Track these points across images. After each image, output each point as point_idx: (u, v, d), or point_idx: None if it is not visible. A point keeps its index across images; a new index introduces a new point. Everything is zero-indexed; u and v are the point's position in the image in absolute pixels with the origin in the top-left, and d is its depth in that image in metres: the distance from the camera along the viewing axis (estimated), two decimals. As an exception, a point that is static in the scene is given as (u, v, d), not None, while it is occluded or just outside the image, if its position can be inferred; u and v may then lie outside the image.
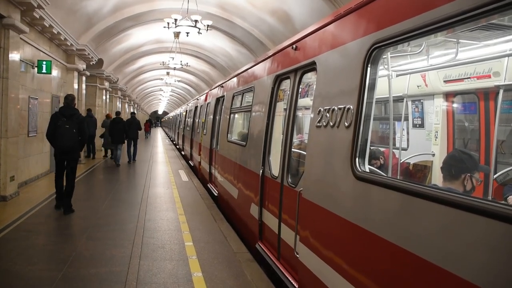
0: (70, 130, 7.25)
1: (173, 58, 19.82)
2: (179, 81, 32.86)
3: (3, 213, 7.35)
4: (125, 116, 26.05)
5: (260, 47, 15.47)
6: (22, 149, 9.80)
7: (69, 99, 7.58)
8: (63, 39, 12.16)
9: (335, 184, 3.30)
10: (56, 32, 11.38)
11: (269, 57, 5.87)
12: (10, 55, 8.29)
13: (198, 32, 12.22)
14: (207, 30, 12.41)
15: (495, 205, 1.82)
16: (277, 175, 4.86)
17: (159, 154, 20.82)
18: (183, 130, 20.10)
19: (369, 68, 2.93)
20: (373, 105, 3.02)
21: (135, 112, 24.77)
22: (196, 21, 11.79)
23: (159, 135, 45.52)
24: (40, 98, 11.22)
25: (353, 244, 2.97)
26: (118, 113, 16.41)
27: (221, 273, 4.80)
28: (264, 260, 5.02)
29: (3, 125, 8.22)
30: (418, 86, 5.23)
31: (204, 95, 13.61)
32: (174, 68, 23.65)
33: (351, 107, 3.08)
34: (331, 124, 3.40)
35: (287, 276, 4.28)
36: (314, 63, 4.00)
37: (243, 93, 7.35)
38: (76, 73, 14.53)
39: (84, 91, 16.33)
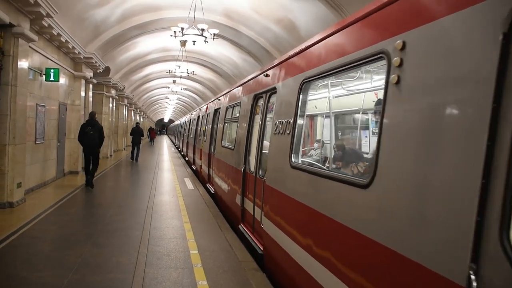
0: (92, 135, 11.02)
1: (179, 66, 19.92)
2: (185, 89, 33.00)
3: (10, 220, 7.39)
4: (130, 124, 27.34)
5: (265, 56, 15.53)
6: (29, 156, 9.86)
7: (92, 114, 11.50)
8: (70, 47, 12.29)
9: (282, 172, 4.80)
10: (64, 41, 11.51)
11: (251, 79, 7.41)
12: (19, 63, 8.38)
13: (205, 41, 12.29)
14: (213, 38, 12.48)
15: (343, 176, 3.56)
16: (253, 170, 6.34)
17: (165, 162, 20.88)
18: (187, 137, 22.09)
19: (301, 95, 4.48)
20: (304, 119, 4.66)
21: (139, 122, 27.96)
22: (202, 29, 11.87)
23: (164, 143, 45.64)
24: (47, 105, 11.32)
25: (292, 212, 4.44)
26: (138, 124, 22.05)
27: (226, 282, 4.79)
28: (244, 237, 6.41)
29: (11, 132, 8.29)
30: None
31: (205, 106, 15.35)
32: (180, 77, 23.79)
33: (291, 120, 4.63)
34: (281, 132, 4.93)
35: (256, 242, 5.82)
36: (275, 88, 5.55)
37: (233, 107, 8.96)
38: (83, 81, 14.66)
39: (91, 99, 16.45)
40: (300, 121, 4.52)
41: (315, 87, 4.86)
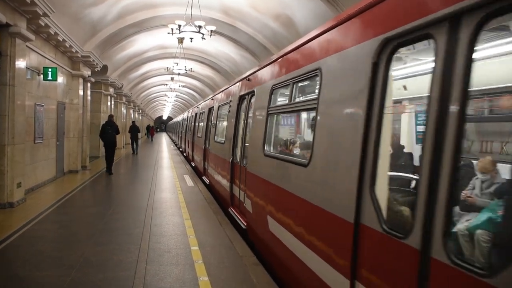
0: (111, 133, 14.13)
1: (177, 63, 19.89)
2: (183, 86, 32.96)
3: (10, 219, 7.41)
4: (129, 123, 28.08)
5: (263, 52, 15.52)
6: (28, 155, 9.88)
7: (110, 116, 14.90)
8: (68, 46, 12.28)
9: (213, 145, 10.68)
10: (61, 40, 11.49)
11: (207, 99, 14.16)
12: (16, 63, 8.38)
13: (202, 38, 12.27)
14: (211, 35, 12.47)
15: None
16: (208, 147, 11.75)
17: (164, 160, 20.89)
18: (180, 132, 28.52)
19: (218, 111, 10.88)
20: (222, 122, 10.56)
21: (135, 120, 32.21)
22: (199, 26, 11.85)
23: (163, 141, 45.60)
24: (46, 105, 11.31)
25: (214, 160, 10.36)
26: (134, 122, 26.99)
27: (227, 277, 4.82)
28: (203, 180, 12.46)
29: (10, 132, 8.30)
30: None
31: (191, 110, 21.29)
32: (178, 74, 23.74)
33: (215, 122, 11.30)
34: (214, 126, 11.23)
35: (208, 181, 11.61)
36: (213, 106, 11.66)
37: (202, 113, 14.87)
38: (81, 80, 14.64)
39: (89, 98, 16.45)
40: (213, 122, 11.20)
41: (225, 108, 9.65)
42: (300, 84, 4.71)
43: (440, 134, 2.20)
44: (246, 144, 6.94)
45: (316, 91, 3.79)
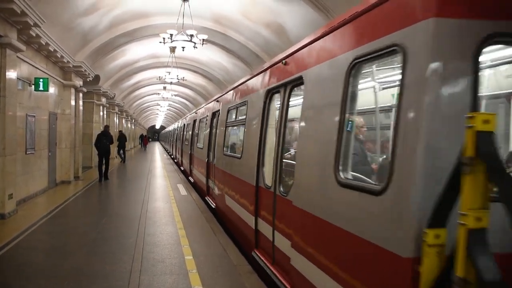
0: (106, 143, 15.28)
1: (169, 72, 19.90)
2: (176, 95, 32.95)
3: (2, 231, 7.32)
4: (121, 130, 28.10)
5: (256, 60, 15.58)
6: (20, 166, 9.78)
7: (106, 127, 16.83)
8: (59, 56, 12.24)
9: (196, 150, 13.42)
10: (52, 50, 11.45)
11: (189, 114, 20.21)
12: (7, 74, 8.34)
13: (194, 47, 12.31)
14: (203, 44, 12.51)
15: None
16: (193, 152, 14.40)
17: (158, 169, 20.82)
18: (172, 141, 32.82)
19: (196, 124, 14.46)
20: (194, 131, 15.06)
21: (122, 129, 31.44)
22: (191, 35, 11.89)
23: (156, 150, 45.45)
24: (37, 115, 11.24)
25: (194, 160, 14.10)
26: (121, 131, 27.43)
27: (222, 286, 4.80)
28: (189, 180, 15.12)
29: (0, 143, 8.23)
30: None
31: (181, 121, 24.86)
32: (171, 83, 23.74)
33: (190, 131, 16.75)
34: (195, 135, 14.56)
35: (192, 178, 14.54)
36: (196, 119, 14.73)
37: (188, 124, 17.80)
38: (73, 90, 14.58)
39: (81, 108, 16.38)
40: (196, 132, 14.19)
41: (204, 121, 12.11)
42: (240, 108, 7.46)
43: (278, 140, 4.79)
44: (215, 148, 9.40)
45: (245, 114, 6.62)
